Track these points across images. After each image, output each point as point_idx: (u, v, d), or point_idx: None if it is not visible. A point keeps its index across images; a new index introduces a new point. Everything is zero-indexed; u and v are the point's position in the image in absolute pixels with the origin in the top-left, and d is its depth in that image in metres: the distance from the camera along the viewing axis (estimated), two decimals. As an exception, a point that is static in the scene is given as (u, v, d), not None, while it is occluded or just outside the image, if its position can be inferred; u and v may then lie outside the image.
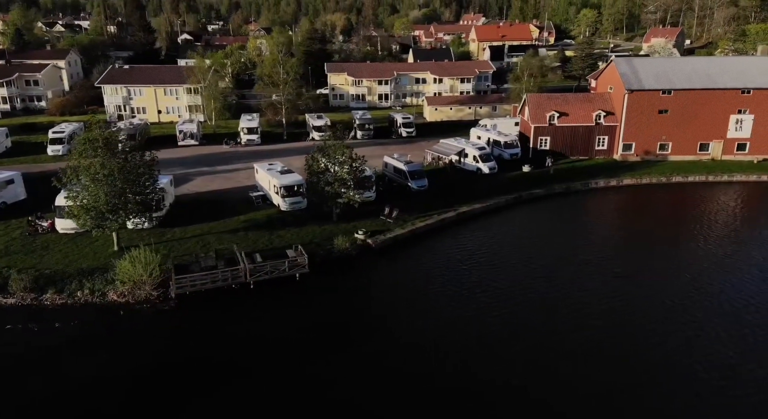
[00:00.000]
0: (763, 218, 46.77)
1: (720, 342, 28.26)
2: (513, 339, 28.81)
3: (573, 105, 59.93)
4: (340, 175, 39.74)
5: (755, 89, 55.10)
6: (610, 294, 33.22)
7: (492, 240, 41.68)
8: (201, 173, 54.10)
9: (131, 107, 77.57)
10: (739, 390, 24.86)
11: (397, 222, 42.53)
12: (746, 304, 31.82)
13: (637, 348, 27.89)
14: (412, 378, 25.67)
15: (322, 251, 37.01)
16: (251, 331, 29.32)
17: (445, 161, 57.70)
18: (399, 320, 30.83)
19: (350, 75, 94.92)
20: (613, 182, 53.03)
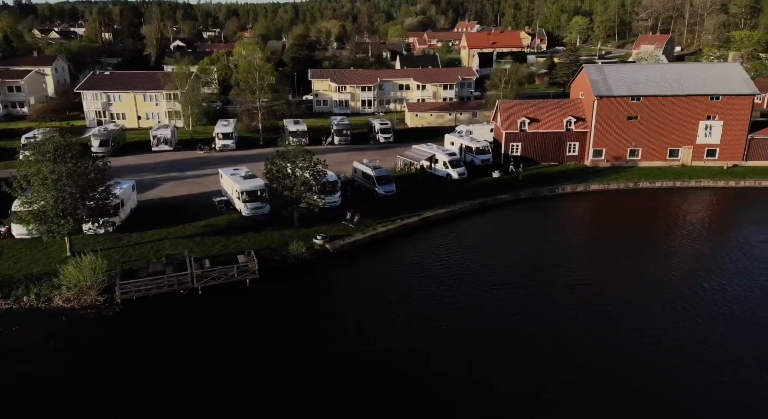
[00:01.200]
0: (727, 222, 46.84)
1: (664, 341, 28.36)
2: (466, 345, 28.66)
3: (544, 111, 60.10)
4: (300, 180, 39.84)
5: (724, 95, 55.26)
6: (563, 299, 33.20)
7: (450, 246, 41.63)
8: (170, 178, 54.28)
9: (111, 113, 77.98)
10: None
11: (359, 227, 42.62)
12: (690, 301, 31.92)
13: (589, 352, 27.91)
14: (356, 387, 25.57)
15: (276, 257, 37.06)
16: (188, 338, 29.28)
17: (416, 166, 57.92)
18: (345, 326, 30.86)
19: (333, 81, 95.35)
20: (580, 188, 53.10)
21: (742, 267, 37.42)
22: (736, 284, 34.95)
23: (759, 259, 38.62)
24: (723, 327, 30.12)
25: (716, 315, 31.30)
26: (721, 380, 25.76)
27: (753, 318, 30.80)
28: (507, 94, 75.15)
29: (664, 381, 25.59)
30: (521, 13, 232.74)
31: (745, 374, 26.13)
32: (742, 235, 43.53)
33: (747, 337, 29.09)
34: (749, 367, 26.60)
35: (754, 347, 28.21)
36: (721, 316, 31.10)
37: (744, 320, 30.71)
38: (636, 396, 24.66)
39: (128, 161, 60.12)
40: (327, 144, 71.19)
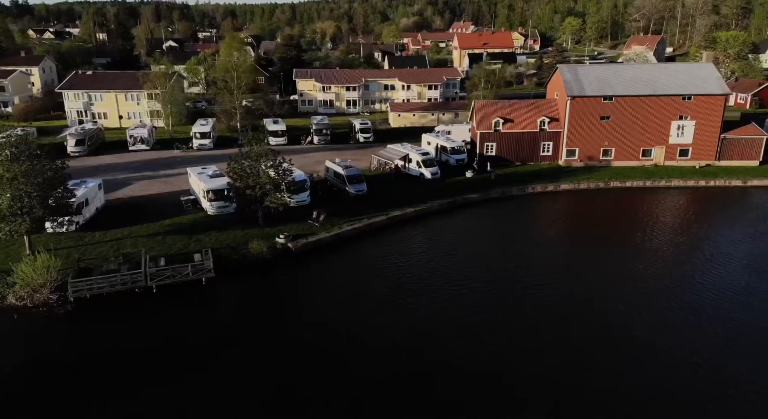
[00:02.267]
0: (689, 221, 46.72)
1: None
2: (421, 343, 28.71)
3: (519, 112, 60.24)
4: (263, 179, 39.98)
5: (696, 95, 55.40)
6: (519, 299, 33.33)
7: (414, 245, 41.85)
8: (143, 177, 54.46)
9: (92, 113, 78.18)
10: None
11: (324, 226, 42.78)
12: (650, 298, 32.12)
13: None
14: (303, 385, 25.63)
15: (235, 256, 37.20)
16: (130, 335, 29.46)
17: (390, 166, 58.07)
18: (295, 325, 30.97)
19: (318, 81, 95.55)
20: (550, 188, 53.24)
21: (700, 264, 37.71)
22: (693, 280, 35.29)
23: (715, 258, 38.83)
24: (677, 318, 30.34)
25: (673, 307, 31.53)
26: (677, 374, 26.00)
27: (716, 310, 31.13)
28: (487, 95, 75.39)
29: (621, 380, 25.81)
30: (515, 14, 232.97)
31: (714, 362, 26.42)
32: (703, 233, 43.80)
33: (705, 328, 29.35)
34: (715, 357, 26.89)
35: (712, 335, 28.58)
36: (674, 309, 31.32)
37: (703, 311, 31.14)
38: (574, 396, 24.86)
39: (104, 160, 60.45)
40: (306, 143, 71.39)
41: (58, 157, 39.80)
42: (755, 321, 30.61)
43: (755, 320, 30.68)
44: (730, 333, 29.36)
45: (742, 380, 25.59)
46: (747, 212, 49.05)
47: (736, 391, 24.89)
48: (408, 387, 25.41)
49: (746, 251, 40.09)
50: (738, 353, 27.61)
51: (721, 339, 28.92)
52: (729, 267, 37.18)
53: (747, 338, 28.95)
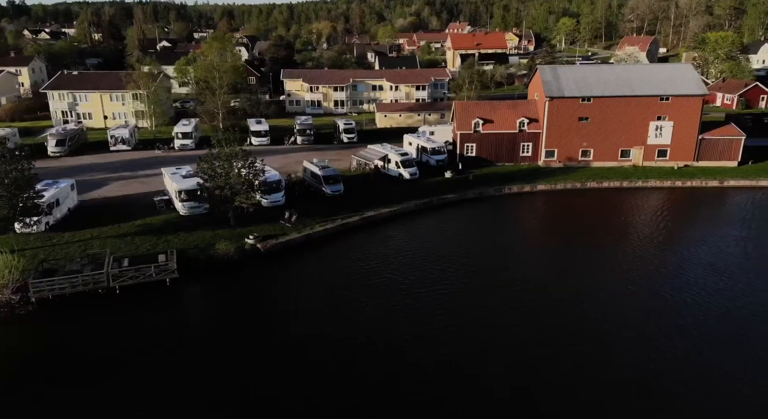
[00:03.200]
0: (663, 221, 46.73)
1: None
2: (387, 345, 28.73)
3: (498, 112, 60.28)
4: (233, 179, 39.99)
5: (674, 96, 55.41)
6: (485, 300, 33.33)
7: (385, 246, 41.68)
8: (121, 177, 54.51)
9: (77, 113, 78.24)
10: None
11: (296, 227, 42.79)
12: (617, 299, 32.12)
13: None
14: (260, 386, 25.64)
15: (202, 256, 37.20)
16: (88, 335, 29.49)
17: (370, 166, 58.10)
18: (257, 325, 31.04)
19: (305, 81, 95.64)
20: (527, 188, 53.27)
21: (669, 264, 37.77)
22: (662, 280, 35.37)
23: (686, 257, 38.92)
24: (639, 320, 30.37)
25: (636, 309, 31.59)
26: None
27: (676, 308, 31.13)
28: (471, 96, 75.46)
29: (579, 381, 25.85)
30: (510, 15, 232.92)
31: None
32: (677, 233, 43.88)
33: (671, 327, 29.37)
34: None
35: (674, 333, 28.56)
36: (639, 310, 31.38)
37: (661, 310, 31.12)
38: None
39: (84, 161, 60.53)
40: (290, 144, 71.45)
41: (38, 157, 39.94)
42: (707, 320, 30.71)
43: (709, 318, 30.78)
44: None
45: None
46: (718, 212, 49.08)
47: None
48: (371, 388, 25.46)
49: (710, 252, 40.00)
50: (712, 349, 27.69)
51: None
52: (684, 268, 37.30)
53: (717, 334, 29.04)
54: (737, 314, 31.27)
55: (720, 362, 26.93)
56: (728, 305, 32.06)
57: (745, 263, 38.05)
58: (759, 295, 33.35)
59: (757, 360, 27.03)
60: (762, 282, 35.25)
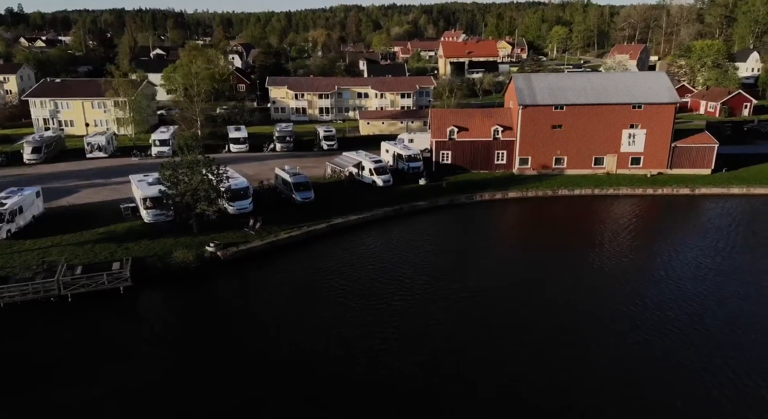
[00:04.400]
0: (628, 229, 46.48)
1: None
2: (341, 353, 28.55)
3: (474, 120, 60.32)
4: (194, 186, 39.92)
5: (646, 104, 55.44)
6: (441, 311, 33.12)
7: (348, 254, 41.41)
8: (92, 184, 54.51)
9: (59, 120, 78.43)
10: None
11: (260, 234, 42.64)
12: (570, 308, 32.00)
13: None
14: (196, 394, 25.44)
15: (160, 264, 37.03)
16: (28, 345, 29.24)
17: (345, 173, 58.08)
18: (207, 333, 30.80)
19: (290, 89, 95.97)
20: (498, 195, 53.19)
21: (622, 272, 37.67)
22: (614, 288, 35.22)
23: (642, 266, 38.82)
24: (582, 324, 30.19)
25: (583, 316, 31.39)
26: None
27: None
28: (451, 104, 75.66)
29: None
30: (504, 23, 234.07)
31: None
32: (636, 241, 43.70)
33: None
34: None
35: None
36: (586, 315, 31.20)
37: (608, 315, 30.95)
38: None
39: (59, 168, 60.61)
40: (269, 151, 71.51)
41: (13, 164, 39.82)
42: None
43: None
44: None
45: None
46: (682, 220, 48.83)
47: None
48: (331, 394, 25.24)
49: (662, 261, 39.82)
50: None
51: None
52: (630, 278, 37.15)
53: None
54: (681, 323, 31.12)
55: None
56: (665, 313, 31.93)
57: (696, 273, 37.53)
58: (693, 301, 33.33)
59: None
60: (700, 289, 35.11)
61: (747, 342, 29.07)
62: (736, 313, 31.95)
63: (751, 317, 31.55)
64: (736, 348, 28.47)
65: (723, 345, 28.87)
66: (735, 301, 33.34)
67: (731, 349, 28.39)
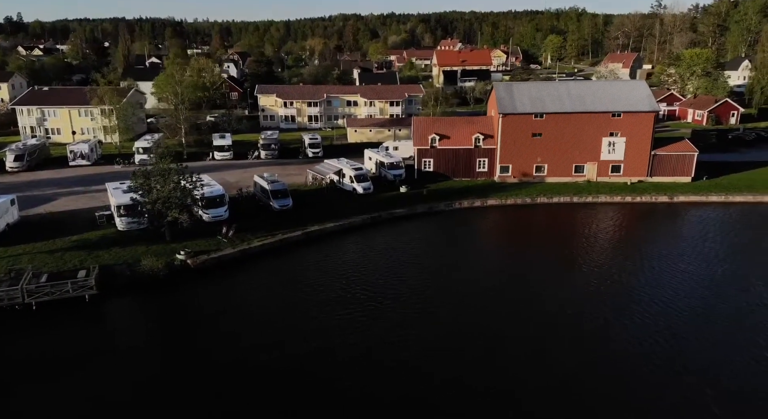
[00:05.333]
0: (607, 236, 46.56)
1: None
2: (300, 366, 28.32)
3: (455, 128, 60.43)
4: (164, 194, 39.88)
5: (625, 113, 55.51)
6: (407, 325, 32.94)
7: (318, 262, 41.19)
8: (72, 192, 54.51)
9: (45, 128, 78.63)
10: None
11: (233, 242, 42.52)
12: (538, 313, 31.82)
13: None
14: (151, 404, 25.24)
15: (128, 272, 36.90)
16: None
17: (326, 180, 58.09)
18: (170, 343, 30.66)
19: (279, 97, 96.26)
20: (477, 203, 53.13)
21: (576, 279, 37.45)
22: (578, 294, 35.06)
23: (612, 274, 38.61)
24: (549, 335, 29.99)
25: (552, 322, 31.23)
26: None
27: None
28: (436, 112, 75.92)
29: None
30: (499, 32, 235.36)
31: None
32: (609, 248, 43.65)
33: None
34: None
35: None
36: (552, 323, 31.04)
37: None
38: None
39: (41, 176, 60.70)
40: (253, 158, 71.61)
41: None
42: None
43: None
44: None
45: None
46: (658, 228, 48.93)
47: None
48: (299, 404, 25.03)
49: (633, 268, 39.76)
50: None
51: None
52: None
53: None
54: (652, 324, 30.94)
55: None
56: (633, 320, 31.80)
57: (657, 280, 37.51)
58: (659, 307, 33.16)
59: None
60: (663, 296, 35.07)
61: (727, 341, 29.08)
62: (706, 316, 31.90)
63: (723, 320, 31.50)
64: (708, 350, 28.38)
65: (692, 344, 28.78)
66: (697, 306, 33.29)
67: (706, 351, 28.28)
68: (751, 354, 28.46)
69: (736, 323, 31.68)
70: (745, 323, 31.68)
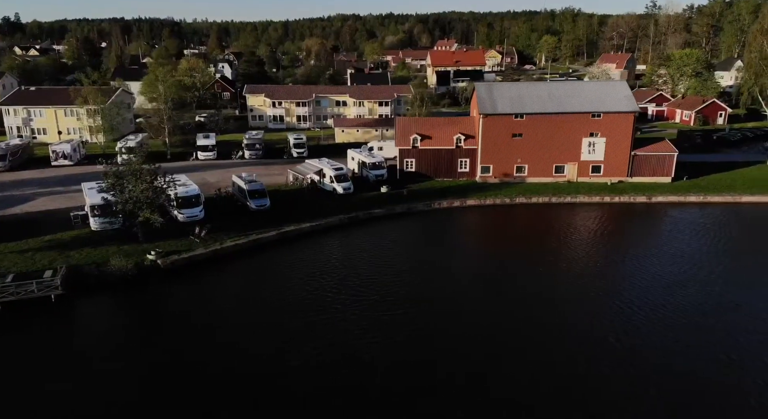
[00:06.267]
0: (582, 236, 46.40)
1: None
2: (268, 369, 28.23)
3: (437, 128, 60.37)
4: (135, 195, 39.84)
5: (605, 113, 55.43)
6: (370, 327, 32.88)
7: (290, 263, 41.03)
8: (52, 192, 54.50)
9: (31, 128, 78.65)
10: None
11: (205, 242, 42.43)
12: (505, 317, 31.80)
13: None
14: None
15: (96, 272, 36.83)
16: None
17: (306, 180, 58.05)
18: (131, 343, 30.56)
19: (267, 97, 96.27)
20: (456, 203, 53.08)
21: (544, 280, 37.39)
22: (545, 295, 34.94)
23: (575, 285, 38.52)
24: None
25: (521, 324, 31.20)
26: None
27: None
28: (421, 113, 75.88)
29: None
30: (494, 32, 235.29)
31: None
32: (583, 248, 43.59)
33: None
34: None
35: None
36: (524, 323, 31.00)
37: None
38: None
39: (22, 176, 60.73)
40: (237, 158, 71.60)
41: None
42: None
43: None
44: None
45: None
46: (631, 228, 49.00)
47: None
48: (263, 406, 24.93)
49: (599, 268, 39.85)
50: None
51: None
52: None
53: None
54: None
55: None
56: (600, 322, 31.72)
57: (624, 283, 37.47)
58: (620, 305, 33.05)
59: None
60: (630, 296, 34.86)
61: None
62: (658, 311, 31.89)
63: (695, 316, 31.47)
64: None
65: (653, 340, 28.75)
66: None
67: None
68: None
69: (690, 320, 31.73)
70: (699, 323, 31.68)
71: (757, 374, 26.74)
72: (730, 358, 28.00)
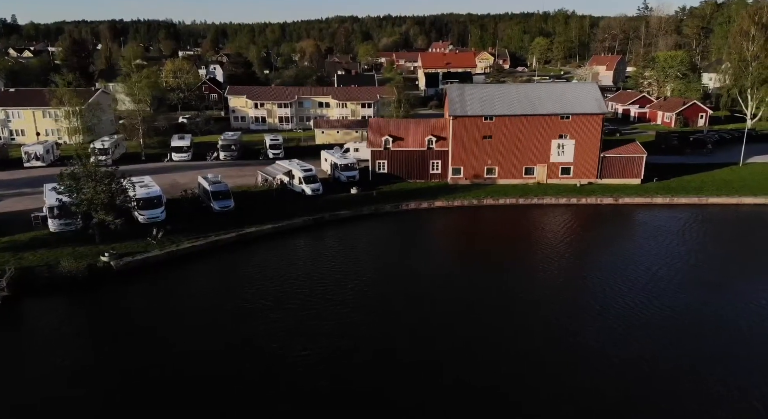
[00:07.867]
0: (542, 237, 46.25)
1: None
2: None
3: (409, 130, 60.23)
4: (89, 196, 39.65)
5: (574, 115, 55.24)
6: (333, 330, 32.63)
7: (247, 265, 40.86)
8: (19, 193, 54.36)
9: (9, 130, 78.53)
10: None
11: (162, 244, 42.15)
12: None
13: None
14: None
15: (47, 274, 36.62)
16: None
17: (276, 182, 57.84)
18: (80, 354, 30.03)
19: (249, 98, 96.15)
20: (424, 205, 52.88)
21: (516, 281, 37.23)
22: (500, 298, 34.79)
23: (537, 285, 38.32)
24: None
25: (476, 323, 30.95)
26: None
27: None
28: (399, 114, 75.78)
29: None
30: (487, 34, 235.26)
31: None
32: (537, 250, 43.42)
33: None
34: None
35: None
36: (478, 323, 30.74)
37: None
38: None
39: (-8, 176, 60.53)
40: (212, 159, 71.41)
41: None
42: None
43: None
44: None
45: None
46: (592, 229, 48.90)
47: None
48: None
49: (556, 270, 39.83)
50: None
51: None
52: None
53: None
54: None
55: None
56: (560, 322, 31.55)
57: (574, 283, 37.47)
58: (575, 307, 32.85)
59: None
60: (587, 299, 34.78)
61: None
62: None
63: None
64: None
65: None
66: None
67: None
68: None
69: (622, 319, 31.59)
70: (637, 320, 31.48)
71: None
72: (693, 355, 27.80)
